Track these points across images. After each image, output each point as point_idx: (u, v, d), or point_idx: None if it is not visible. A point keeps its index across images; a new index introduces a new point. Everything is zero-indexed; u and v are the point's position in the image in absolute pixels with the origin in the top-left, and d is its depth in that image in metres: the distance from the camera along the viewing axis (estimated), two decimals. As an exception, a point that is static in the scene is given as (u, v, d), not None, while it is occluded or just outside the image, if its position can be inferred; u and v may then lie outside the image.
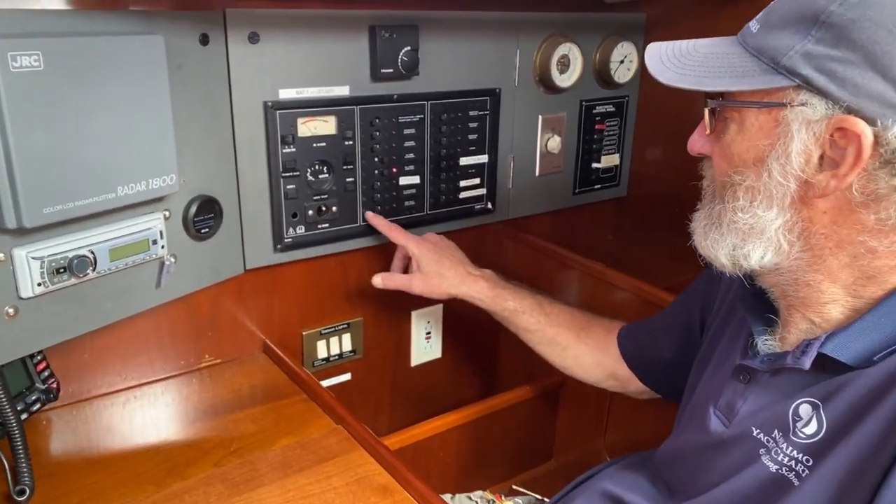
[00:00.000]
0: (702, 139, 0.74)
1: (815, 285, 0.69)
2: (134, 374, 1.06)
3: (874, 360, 0.63)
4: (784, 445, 0.68)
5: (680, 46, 0.73)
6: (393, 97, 1.14)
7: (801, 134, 0.63)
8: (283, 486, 0.86)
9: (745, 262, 0.70)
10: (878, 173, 0.61)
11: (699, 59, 0.70)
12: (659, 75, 0.71)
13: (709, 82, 0.68)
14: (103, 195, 0.82)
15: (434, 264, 1.12)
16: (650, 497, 0.84)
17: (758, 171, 0.67)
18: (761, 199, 0.67)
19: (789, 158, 0.64)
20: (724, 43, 0.71)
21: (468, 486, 1.17)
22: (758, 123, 0.66)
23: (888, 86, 0.59)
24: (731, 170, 0.69)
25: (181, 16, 0.91)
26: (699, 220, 0.75)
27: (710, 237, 0.72)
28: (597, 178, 1.48)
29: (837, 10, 0.60)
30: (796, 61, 0.62)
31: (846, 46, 0.59)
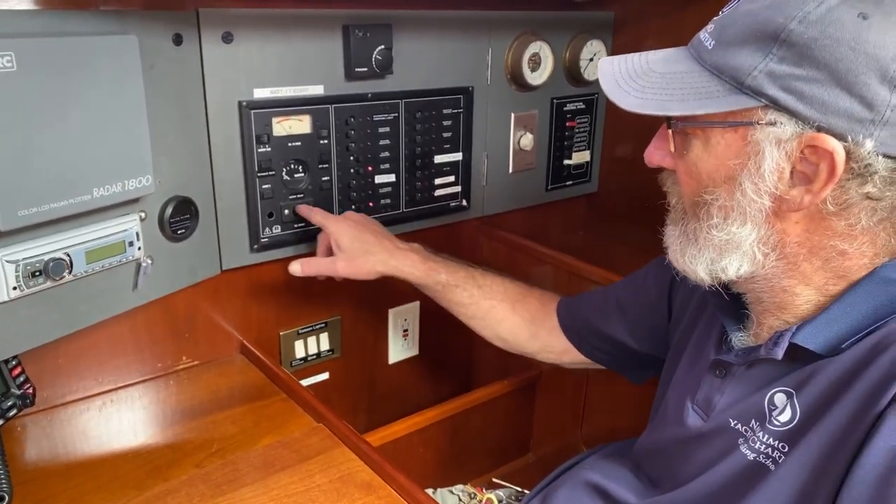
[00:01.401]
0: (661, 153, 0.73)
1: (790, 289, 0.70)
2: (110, 377, 1.05)
3: (842, 347, 0.65)
4: (761, 434, 0.70)
5: (633, 65, 0.72)
6: (367, 96, 1.15)
7: (773, 152, 0.63)
8: (266, 485, 0.86)
9: (723, 275, 0.71)
10: (848, 185, 0.63)
11: (657, 81, 0.69)
12: (619, 101, 0.69)
13: (672, 106, 0.67)
14: (79, 197, 0.81)
15: (356, 241, 1.05)
16: (633, 488, 0.86)
17: (730, 190, 0.67)
18: (735, 217, 0.67)
19: (762, 176, 0.64)
20: (679, 59, 0.70)
21: (449, 480, 1.18)
22: (724, 142, 0.67)
23: (854, 101, 0.60)
24: (701, 189, 0.70)
25: (154, 15, 0.90)
26: (673, 238, 0.75)
27: (688, 254, 0.72)
28: (568, 175, 1.51)
29: (797, 28, 0.60)
30: (761, 81, 0.62)
31: (810, 65, 0.60)
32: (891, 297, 0.66)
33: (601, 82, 0.73)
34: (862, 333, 0.65)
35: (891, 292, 0.66)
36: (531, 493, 1.00)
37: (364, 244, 1.06)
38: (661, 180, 0.77)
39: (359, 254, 1.05)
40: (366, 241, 1.06)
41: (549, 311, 1.08)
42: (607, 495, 0.87)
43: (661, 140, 0.73)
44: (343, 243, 1.05)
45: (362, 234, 1.07)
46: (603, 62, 0.74)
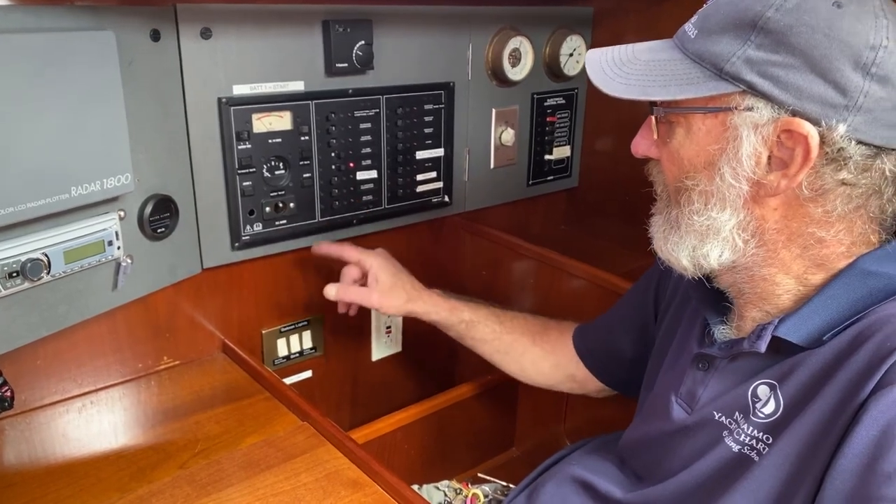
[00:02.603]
0: (646, 142, 0.75)
1: (770, 278, 0.72)
2: (90, 378, 1.03)
3: (823, 339, 0.67)
4: (745, 426, 0.71)
5: (619, 54, 0.74)
6: (348, 91, 1.14)
7: (750, 137, 0.65)
8: (251, 484, 0.85)
9: (705, 263, 0.72)
10: (824, 170, 0.64)
11: (641, 68, 0.71)
12: (604, 87, 0.71)
13: (654, 91, 0.69)
14: (56, 196, 0.80)
15: (394, 278, 1.09)
16: (619, 482, 0.86)
17: (709, 175, 0.69)
18: (715, 202, 0.69)
19: (740, 161, 0.66)
20: (663, 48, 0.72)
21: (434, 476, 1.18)
22: (705, 128, 0.68)
23: (828, 87, 0.61)
24: (682, 175, 0.71)
25: (131, 11, 0.89)
26: (657, 226, 0.76)
27: (671, 241, 0.74)
28: (549, 170, 1.51)
29: (774, 15, 0.62)
30: (739, 67, 0.64)
31: (786, 51, 0.62)
32: (870, 289, 0.67)
33: (587, 69, 0.74)
34: (842, 325, 0.66)
35: (870, 284, 0.67)
36: (517, 489, 1.01)
37: (399, 281, 1.10)
38: (648, 170, 0.78)
39: (395, 289, 1.09)
40: (401, 279, 1.10)
41: (567, 339, 1.09)
42: (593, 490, 0.87)
43: (647, 129, 0.75)
44: (382, 277, 1.09)
45: (399, 272, 1.11)
46: (591, 52, 0.76)
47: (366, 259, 1.10)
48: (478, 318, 1.11)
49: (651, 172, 0.78)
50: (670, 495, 0.77)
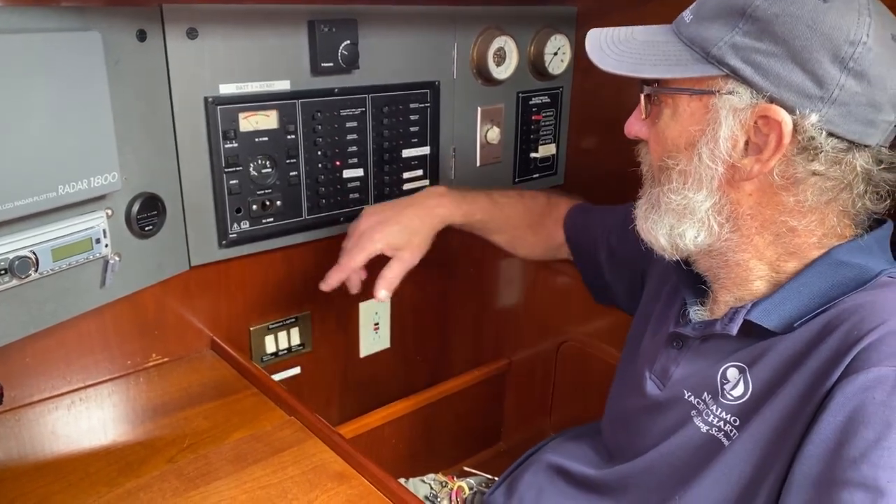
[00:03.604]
0: (638, 123, 0.78)
1: (744, 264, 0.74)
2: (79, 375, 1.04)
3: (794, 326, 0.69)
4: (714, 407, 0.73)
5: (618, 34, 0.77)
6: (334, 91, 1.15)
7: (729, 120, 0.67)
8: (239, 478, 0.86)
9: (680, 242, 0.74)
10: (795, 159, 0.66)
11: (636, 47, 0.74)
12: (599, 62, 0.75)
13: (645, 69, 0.72)
14: (44, 194, 0.81)
15: (402, 233, 1.06)
16: (591, 463, 0.88)
17: (689, 155, 0.71)
18: (692, 182, 0.71)
19: (717, 143, 0.68)
20: (660, 31, 0.74)
21: (421, 470, 1.19)
22: (689, 110, 0.71)
23: (806, 78, 0.64)
24: (665, 154, 0.74)
25: (117, 11, 0.90)
26: (640, 206, 0.79)
27: (650, 219, 0.76)
28: (535, 168, 1.52)
29: (762, 4, 0.65)
30: (725, 52, 0.66)
31: (770, 39, 0.64)
32: (842, 279, 0.69)
33: (587, 45, 0.77)
34: (813, 313, 0.68)
35: (842, 274, 0.69)
36: (499, 480, 1.02)
37: (404, 231, 1.06)
38: (637, 151, 0.81)
39: (410, 238, 1.07)
40: (403, 226, 1.06)
41: (560, 228, 1.16)
42: (568, 474, 0.89)
43: (639, 112, 0.77)
44: (393, 241, 1.06)
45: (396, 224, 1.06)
46: (592, 31, 0.79)
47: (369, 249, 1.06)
48: (488, 216, 1.15)
49: (640, 153, 0.81)
50: (641, 472, 0.79)
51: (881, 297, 0.66)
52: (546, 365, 1.46)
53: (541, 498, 0.91)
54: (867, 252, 0.71)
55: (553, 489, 0.90)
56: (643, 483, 0.79)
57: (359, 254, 1.06)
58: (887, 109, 0.66)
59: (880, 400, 0.59)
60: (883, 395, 0.59)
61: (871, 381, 0.60)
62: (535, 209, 1.18)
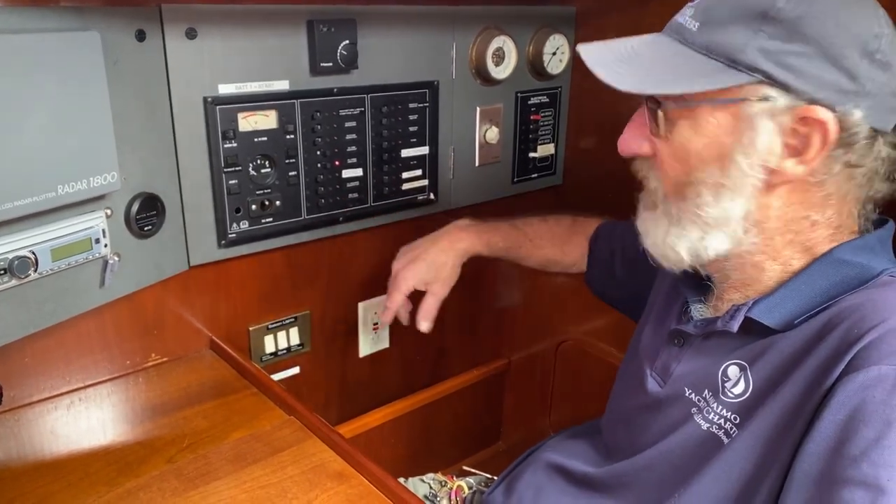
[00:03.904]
0: (637, 140, 0.74)
1: (760, 265, 0.73)
2: (78, 375, 1.04)
3: (795, 323, 0.69)
4: (715, 405, 0.73)
5: (618, 49, 0.73)
6: (333, 91, 1.15)
7: (767, 126, 0.66)
8: (238, 477, 0.86)
9: (704, 254, 0.73)
10: (835, 153, 0.66)
11: (648, 63, 0.71)
12: (617, 83, 0.69)
13: (669, 86, 0.68)
14: (43, 194, 0.81)
15: (429, 271, 1.14)
16: (591, 461, 0.88)
17: (722, 166, 0.69)
18: (726, 193, 0.69)
19: (756, 150, 0.67)
20: (664, 42, 0.72)
21: (420, 469, 1.19)
22: (715, 120, 0.68)
23: (840, 74, 0.64)
24: (689, 169, 0.71)
25: (116, 12, 0.90)
26: (651, 222, 0.76)
27: (672, 235, 0.73)
28: (534, 168, 1.53)
29: (785, 6, 0.64)
30: (755, 57, 0.65)
31: (800, 40, 0.64)
32: (843, 277, 0.69)
33: (591, 67, 0.72)
34: (814, 311, 0.68)
35: (843, 272, 0.69)
36: (498, 479, 1.02)
37: (431, 267, 1.15)
38: (636, 168, 0.78)
39: (439, 273, 1.14)
40: (430, 262, 1.15)
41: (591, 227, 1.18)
42: (567, 472, 0.89)
43: (638, 127, 0.74)
44: (425, 278, 1.14)
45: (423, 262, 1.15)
46: (584, 49, 0.75)
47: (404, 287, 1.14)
48: (511, 243, 1.18)
49: (640, 169, 0.77)
50: (640, 470, 0.79)
51: (882, 296, 0.66)
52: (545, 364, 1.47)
53: (540, 496, 0.91)
54: (869, 251, 0.71)
55: (552, 488, 0.90)
56: (643, 481, 0.80)
57: (396, 294, 1.15)
58: None
59: (881, 398, 0.59)
60: (883, 394, 0.59)
61: (871, 380, 0.60)
62: (558, 228, 1.19)
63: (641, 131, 0.74)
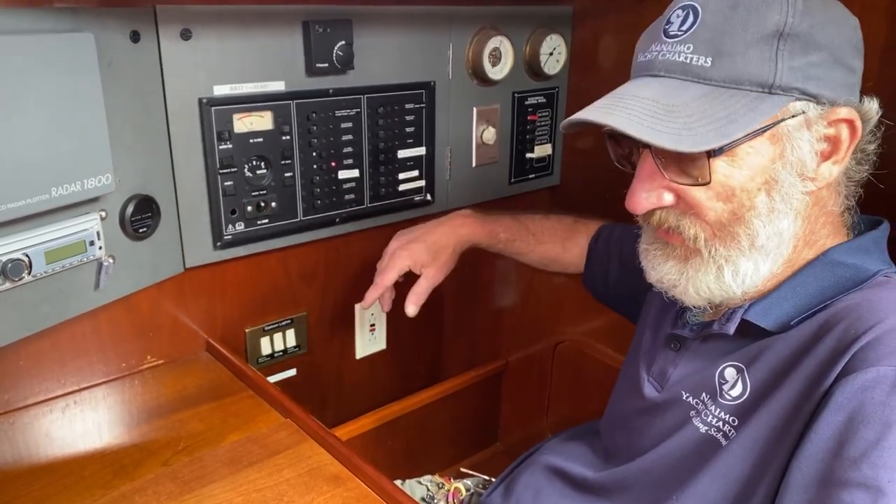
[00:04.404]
0: (656, 193, 0.69)
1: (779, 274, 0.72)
2: (73, 378, 1.04)
3: (791, 325, 0.69)
4: (713, 408, 0.73)
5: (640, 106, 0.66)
6: (329, 91, 1.15)
7: (805, 137, 0.66)
8: (234, 480, 0.86)
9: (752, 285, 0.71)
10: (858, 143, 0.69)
11: (692, 113, 0.65)
12: (683, 146, 0.63)
13: (732, 130, 0.64)
14: (37, 196, 0.80)
15: (426, 252, 1.12)
16: (590, 464, 0.88)
17: (769, 191, 0.67)
18: (779, 215, 0.68)
19: (800, 163, 0.67)
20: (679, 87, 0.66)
21: (417, 471, 1.19)
22: (754, 150, 0.66)
23: (846, 72, 0.67)
24: (735, 205, 0.68)
25: (110, 13, 0.89)
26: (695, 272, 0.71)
27: (722, 279, 0.70)
28: (531, 168, 1.52)
29: (794, 21, 0.64)
30: (787, 77, 0.64)
31: (816, 50, 0.65)
32: (838, 278, 0.69)
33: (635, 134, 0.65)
34: (810, 312, 0.68)
35: (838, 274, 0.69)
36: (496, 481, 1.02)
37: (430, 249, 1.13)
38: (662, 220, 0.72)
39: (436, 255, 1.13)
40: (429, 244, 1.13)
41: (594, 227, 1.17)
42: (566, 475, 0.89)
43: (650, 180, 0.69)
44: (421, 260, 1.12)
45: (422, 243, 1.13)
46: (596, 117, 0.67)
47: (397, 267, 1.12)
48: (512, 235, 1.17)
49: (665, 221, 0.71)
50: (639, 473, 0.79)
51: (877, 296, 0.66)
52: (542, 365, 1.46)
53: (538, 499, 0.91)
54: (864, 252, 0.71)
55: (551, 490, 0.90)
56: (641, 484, 0.79)
57: (389, 272, 1.12)
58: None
59: (880, 399, 0.59)
60: (882, 395, 0.59)
61: (870, 381, 0.60)
62: (560, 226, 1.18)
63: (657, 183, 0.69)
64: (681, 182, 0.68)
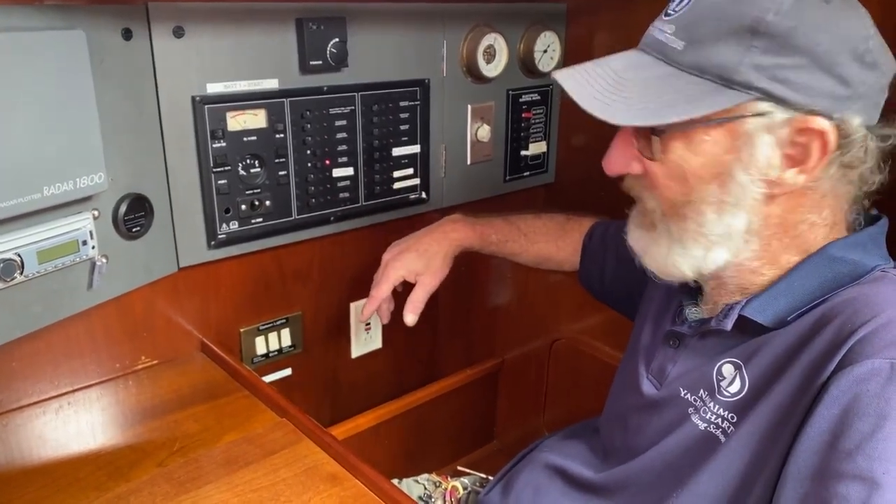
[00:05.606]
0: (624, 159, 0.72)
1: (759, 270, 0.73)
2: (67, 379, 1.03)
3: (788, 320, 0.68)
4: (711, 404, 0.73)
5: (602, 75, 0.69)
6: (323, 89, 1.14)
7: (765, 140, 0.65)
8: (230, 481, 0.85)
9: (706, 269, 0.72)
10: (833, 158, 0.66)
11: (639, 90, 0.68)
12: (610, 117, 0.66)
13: (667, 113, 0.65)
14: (29, 196, 0.79)
15: (418, 261, 1.12)
16: (590, 464, 0.88)
17: (722, 184, 0.68)
18: (729, 209, 0.68)
19: (755, 165, 0.66)
20: (647, 64, 0.69)
21: (414, 470, 1.19)
22: (710, 139, 0.67)
23: (834, 82, 0.63)
24: (687, 189, 0.69)
25: (101, 10, 0.89)
26: (649, 242, 0.75)
27: (673, 255, 0.72)
28: (526, 166, 1.52)
29: (774, 19, 0.63)
30: (749, 75, 0.63)
31: (793, 52, 0.63)
32: (835, 273, 0.69)
33: (578, 101, 0.69)
34: (807, 307, 0.68)
35: (835, 269, 0.69)
36: (494, 479, 1.02)
37: (422, 256, 1.12)
38: (627, 185, 0.76)
39: (429, 263, 1.12)
40: (421, 252, 1.13)
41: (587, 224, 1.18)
42: (566, 474, 0.89)
43: (624, 146, 0.72)
44: (414, 267, 1.12)
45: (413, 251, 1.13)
46: (564, 81, 0.71)
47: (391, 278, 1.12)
48: (504, 237, 1.17)
49: (632, 188, 0.75)
50: (640, 472, 0.79)
51: (874, 291, 0.66)
52: (539, 363, 1.46)
53: (538, 497, 0.91)
54: (861, 248, 0.71)
55: (551, 488, 0.89)
56: (641, 483, 0.79)
57: (384, 284, 1.12)
58: (888, 89, 0.67)
59: (875, 392, 0.59)
60: (877, 387, 0.59)
61: (865, 374, 0.60)
62: (552, 224, 1.18)
63: (629, 151, 0.72)
64: (644, 155, 0.71)
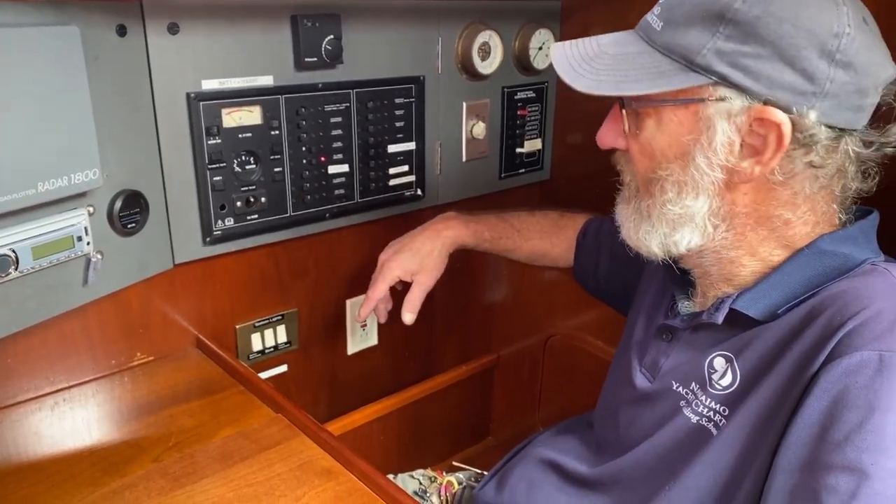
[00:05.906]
0: (613, 133, 0.76)
1: (737, 260, 0.74)
2: (62, 376, 1.03)
3: (779, 314, 0.69)
4: (703, 397, 0.73)
5: (585, 48, 0.74)
6: (318, 86, 1.15)
7: (723, 126, 0.66)
8: (225, 476, 0.86)
9: (674, 249, 0.74)
10: (794, 154, 0.66)
11: (609, 62, 0.71)
12: (574, 83, 0.72)
13: (627, 87, 0.69)
14: (23, 192, 0.80)
15: (412, 260, 1.13)
16: (584, 458, 0.88)
17: (683, 164, 0.70)
18: (689, 190, 0.70)
19: (714, 150, 0.67)
20: (630, 41, 0.72)
21: (409, 466, 1.19)
22: (676, 119, 0.69)
23: (797, 76, 0.63)
24: (654, 165, 0.72)
25: (96, 6, 0.89)
26: (626, 216, 0.78)
27: (642, 230, 0.75)
28: (521, 163, 1.52)
29: (742, 7, 0.64)
30: (710, 59, 0.65)
31: (755, 42, 0.63)
32: (825, 267, 0.70)
33: (555, 66, 0.74)
34: (797, 300, 0.69)
35: (825, 262, 0.70)
36: (489, 474, 1.02)
37: (416, 255, 1.14)
38: (615, 160, 0.79)
39: (423, 262, 1.13)
40: (415, 251, 1.14)
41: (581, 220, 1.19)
42: (560, 469, 0.89)
43: (614, 122, 0.75)
44: (410, 268, 1.13)
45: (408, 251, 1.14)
46: (555, 47, 0.76)
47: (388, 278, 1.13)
48: (498, 234, 1.18)
49: (619, 162, 0.79)
50: (633, 466, 0.79)
51: (863, 283, 0.67)
52: (534, 359, 1.47)
53: (532, 491, 0.91)
54: (852, 241, 0.71)
55: (546, 483, 0.90)
56: (634, 476, 0.80)
57: (379, 284, 1.13)
58: (872, 93, 0.67)
59: (863, 383, 0.60)
60: (866, 379, 0.60)
61: (854, 365, 0.60)
62: (546, 221, 1.19)
63: (617, 126, 0.75)
64: (625, 131, 0.74)
